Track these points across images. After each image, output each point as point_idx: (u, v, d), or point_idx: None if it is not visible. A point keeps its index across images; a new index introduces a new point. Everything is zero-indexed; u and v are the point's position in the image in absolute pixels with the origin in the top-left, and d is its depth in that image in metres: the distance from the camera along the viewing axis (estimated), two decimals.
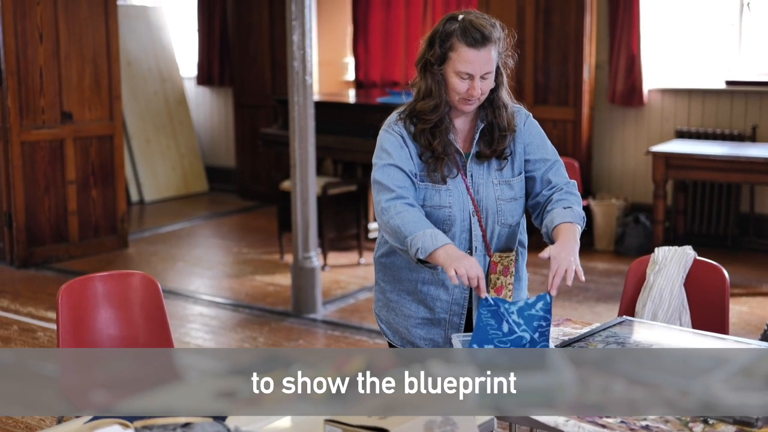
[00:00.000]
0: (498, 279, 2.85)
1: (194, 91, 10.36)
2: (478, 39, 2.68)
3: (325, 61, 9.34)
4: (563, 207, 2.77)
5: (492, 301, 2.54)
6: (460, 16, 2.73)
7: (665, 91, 7.49)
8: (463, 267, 2.54)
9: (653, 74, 7.50)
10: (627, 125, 7.66)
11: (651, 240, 6.95)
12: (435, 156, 2.77)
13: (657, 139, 7.46)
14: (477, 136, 2.82)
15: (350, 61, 9.46)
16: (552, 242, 2.74)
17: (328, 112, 7.21)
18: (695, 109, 7.38)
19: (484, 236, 2.82)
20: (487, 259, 2.84)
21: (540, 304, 2.54)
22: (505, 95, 2.83)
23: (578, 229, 2.73)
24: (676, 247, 3.43)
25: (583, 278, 2.61)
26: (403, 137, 2.80)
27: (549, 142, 2.93)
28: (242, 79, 9.60)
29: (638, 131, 7.62)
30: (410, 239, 2.64)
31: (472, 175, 2.82)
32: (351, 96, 8.52)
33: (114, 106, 7.49)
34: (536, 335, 2.54)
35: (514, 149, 2.86)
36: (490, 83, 2.75)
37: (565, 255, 2.60)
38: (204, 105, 10.37)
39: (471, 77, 2.70)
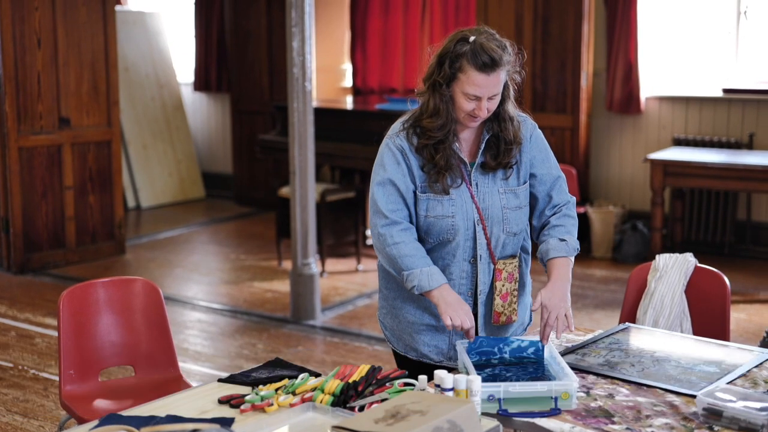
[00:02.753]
0: (503, 286, 2.86)
1: (191, 97, 10.36)
2: (488, 63, 2.68)
3: (322, 68, 9.34)
4: (559, 238, 2.84)
5: (485, 344, 2.64)
6: (472, 38, 2.71)
7: (663, 99, 7.51)
8: (458, 318, 2.69)
9: (651, 82, 7.52)
10: (624, 133, 7.68)
11: (648, 247, 6.97)
12: (437, 169, 2.78)
13: (654, 147, 7.48)
14: (482, 147, 2.83)
15: (348, 67, 9.47)
16: (545, 267, 2.85)
17: (326, 118, 7.22)
18: (692, 117, 7.40)
19: (488, 244, 2.83)
20: (492, 266, 2.85)
21: (532, 349, 2.64)
22: (511, 108, 2.84)
23: (571, 263, 2.83)
24: (677, 254, 3.44)
25: (573, 328, 2.73)
26: (403, 151, 2.80)
27: (552, 155, 2.95)
28: (240, 86, 9.61)
29: (636, 139, 7.64)
30: (407, 274, 2.75)
31: (477, 184, 2.83)
32: (349, 102, 8.53)
33: (112, 111, 7.49)
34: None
35: (519, 159, 2.87)
36: (496, 102, 2.76)
37: (555, 302, 2.71)
38: (201, 111, 10.37)
39: (478, 98, 2.71)
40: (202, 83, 10.04)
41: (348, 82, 9.50)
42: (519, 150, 2.85)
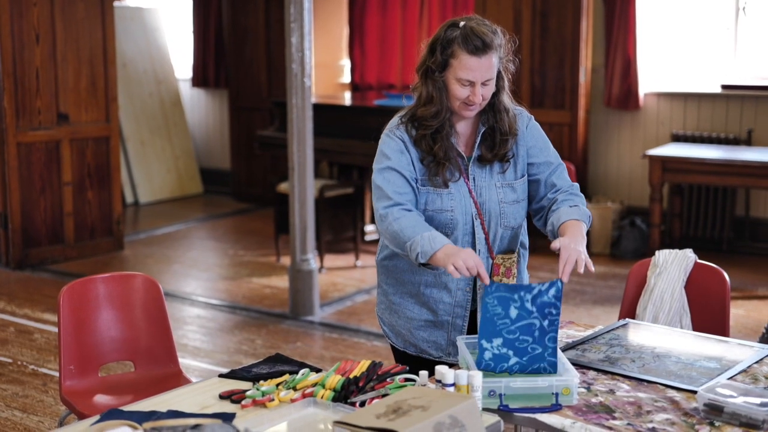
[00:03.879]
0: (501, 281, 2.86)
1: (189, 93, 10.36)
2: (479, 46, 2.68)
3: (321, 64, 9.34)
4: (569, 206, 2.81)
5: (503, 288, 2.48)
6: (462, 23, 2.72)
7: (661, 95, 7.51)
8: (461, 260, 2.54)
9: (649, 78, 7.52)
10: (623, 129, 7.68)
11: (647, 243, 6.97)
12: (436, 161, 2.78)
13: (653, 143, 7.48)
14: (479, 139, 2.83)
15: (346, 63, 9.47)
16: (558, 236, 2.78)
17: (324, 114, 7.21)
18: (691, 113, 7.40)
19: (486, 239, 2.83)
20: (490, 261, 2.85)
21: (552, 291, 2.50)
22: (507, 99, 2.84)
23: (584, 227, 2.77)
24: (677, 250, 3.44)
25: (592, 268, 2.62)
26: (404, 142, 2.80)
27: (551, 144, 2.95)
28: (238, 82, 9.60)
29: (634, 135, 7.64)
30: (409, 244, 2.66)
31: (474, 178, 2.83)
32: (347, 98, 8.52)
33: (110, 107, 7.48)
34: (546, 323, 2.48)
35: (516, 152, 2.87)
36: (491, 89, 2.76)
37: (574, 245, 2.63)
38: (199, 107, 10.37)
39: (472, 84, 2.71)
40: (200, 79, 10.03)
41: (346, 78, 9.50)
42: (515, 141, 2.85)
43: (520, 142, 2.87)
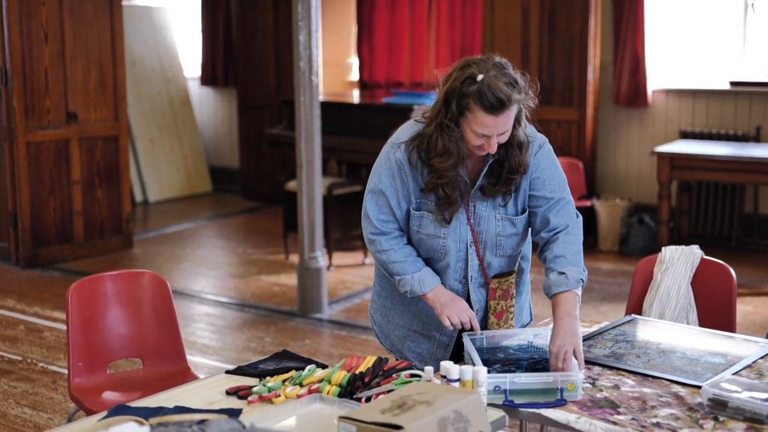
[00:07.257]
0: (498, 304, 2.84)
1: (198, 92, 10.38)
2: (496, 106, 2.56)
3: (329, 62, 9.36)
4: (558, 272, 2.70)
5: (486, 344, 2.74)
6: (479, 77, 2.58)
7: (669, 92, 7.50)
8: (456, 315, 2.73)
9: (657, 75, 7.51)
10: (631, 126, 7.67)
11: (655, 240, 6.96)
12: (442, 201, 2.70)
13: (661, 140, 7.47)
14: (485, 169, 2.73)
15: (354, 61, 9.48)
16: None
17: (333, 112, 7.22)
18: (699, 110, 7.39)
19: (481, 265, 2.80)
20: (485, 286, 2.83)
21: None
22: (521, 133, 2.70)
23: (576, 296, 2.68)
24: (683, 247, 3.44)
25: (582, 366, 2.54)
26: (401, 166, 2.73)
27: (560, 175, 2.81)
28: (246, 80, 9.62)
29: (642, 132, 7.63)
30: (398, 279, 2.77)
31: (474, 206, 2.76)
32: (355, 96, 8.53)
33: (119, 106, 7.51)
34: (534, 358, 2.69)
35: (519, 185, 2.76)
36: (507, 136, 2.65)
37: (561, 343, 2.54)
38: (208, 105, 10.39)
39: (487, 136, 2.61)
40: (209, 78, 10.05)
41: (355, 75, 9.51)
42: (521, 178, 2.74)
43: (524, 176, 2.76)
